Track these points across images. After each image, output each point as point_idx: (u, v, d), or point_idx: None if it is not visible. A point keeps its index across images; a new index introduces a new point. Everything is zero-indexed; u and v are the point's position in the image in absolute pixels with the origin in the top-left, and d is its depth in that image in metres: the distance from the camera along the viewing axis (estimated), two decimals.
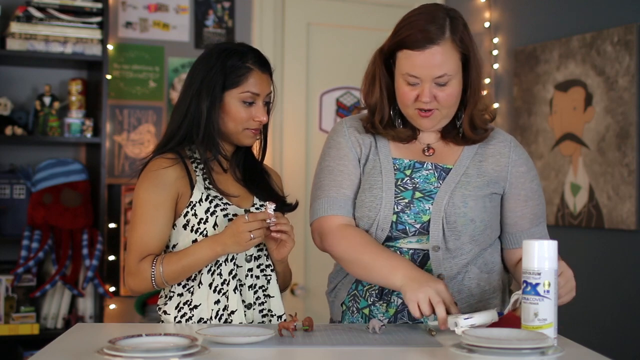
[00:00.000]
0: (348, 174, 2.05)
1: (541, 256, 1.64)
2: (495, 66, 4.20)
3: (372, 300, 2.02)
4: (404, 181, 2.01)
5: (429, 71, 1.90)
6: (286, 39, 4.08)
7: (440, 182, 2.00)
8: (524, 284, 1.65)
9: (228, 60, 2.05)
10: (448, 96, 1.93)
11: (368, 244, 1.96)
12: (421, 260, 1.98)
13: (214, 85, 2.04)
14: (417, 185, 2.00)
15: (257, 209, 2.08)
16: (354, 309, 2.05)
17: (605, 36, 3.52)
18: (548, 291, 1.62)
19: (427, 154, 2.05)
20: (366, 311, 2.03)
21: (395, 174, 2.02)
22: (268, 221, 1.95)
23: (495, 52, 4.20)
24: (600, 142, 3.52)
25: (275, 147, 4.02)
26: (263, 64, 2.09)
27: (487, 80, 4.21)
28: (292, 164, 4.04)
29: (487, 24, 4.22)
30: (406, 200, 1.99)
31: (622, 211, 3.40)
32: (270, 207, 1.95)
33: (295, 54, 4.09)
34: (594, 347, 1.72)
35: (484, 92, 2.08)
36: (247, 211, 2.03)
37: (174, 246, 2.05)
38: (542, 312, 1.62)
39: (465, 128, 2.01)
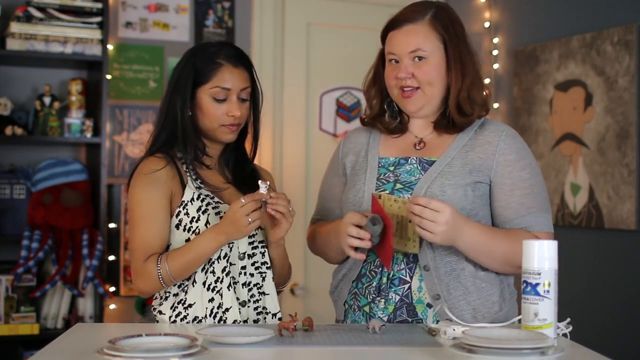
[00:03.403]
0: (332, 187, 2.24)
1: (541, 256, 1.63)
2: (495, 66, 4.20)
3: (371, 297, 2.03)
4: (386, 175, 2.07)
5: (404, 46, 2.03)
6: (286, 39, 4.08)
7: (423, 173, 2.03)
8: (524, 284, 1.65)
9: (198, 57, 2.06)
10: (425, 73, 2.02)
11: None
12: (415, 256, 2.00)
13: (185, 84, 2.04)
14: (399, 178, 2.05)
15: None
16: (355, 307, 2.07)
17: (605, 36, 3.52)
18: (548, 291, 1.62)
19: (417, 147, 2.10)
20: (367, 309, 2.04)
21: (378, 170, 2.09)
22: (264, 200, 1.94)
23: (495, 52, 4.19)
24: (600, 142, 3.52)
25: (275, 147, 4.02)
26: (237, 59, 2.07)
27: (487, 80, 4.20)
28: (292, 164, 4.04)
29: (487, 24, 4.22)
30: (387, 192, 2.04)
31: (622, 211, 3.40)
32: (263, 186, 1.94)
33: (295, 54, 4.09)
34: (594, 347, 1.72)
35: (482, 86, 2.10)
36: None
37: (167, 247, 2.05)
38: (542, 312, 1.62)
39: (453, 112, 2.05)
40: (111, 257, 3.71)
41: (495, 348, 1.48)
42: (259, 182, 1.96)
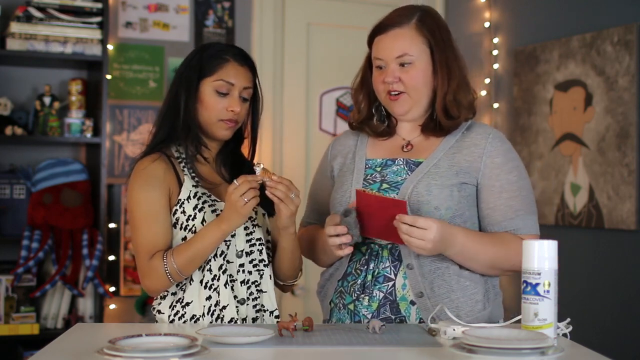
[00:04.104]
0: (321, 189, 2.25)
1: (541, 256, 1.63)
2: (495, 66, 4.20)
3: (355, 295, 2.04)
4: (372, 176, 2.09)
5: (391, 51, 2.04)
6: (286, 39, 4.08)
7: (410, 174, 2.05)
8: (524, 284, 1.65)
9: (205, 53, 2.08)
10: (411, 78, 2.04)
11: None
12: (399, 254, 2.02)
13: (191, 77, 2.06)
14: (386, 178, 2.07)
15: None
16: (341, 305, 2.08)
17: (605, 36, 3.52)
18: (548, 291, 1.62)
19: (405, 150, 2.11)
20: (351, 307, 2.05)
21: (365, 170, 2.10)
22: (265, 180, 1.93)
23: (495, 52, 4.19)
24: (600, 142, 3.52)
25: (275, 147, 4.02)
26: (244, 59, 2.10)
27: (487, 81, 4.21)
28: (292, 164, 4.04)
29: (487, 24, 4.22)
30: (374, 192, 2.04)
31: (622, 211, 3.40)
32: (257, 168, 1.94)
33: (295, 54, 4.09)
34: (594, 347, 1.72)
35: (470, 88, 2.12)
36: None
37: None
38: (542, 312, 1.62)
39: (439, 115, 2.07)
40: (111, 257, 3.71)
41: (495, 348, 1.48)
42: (254, 164, 1.97)
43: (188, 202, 2.02)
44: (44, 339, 2.72)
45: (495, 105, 4.18)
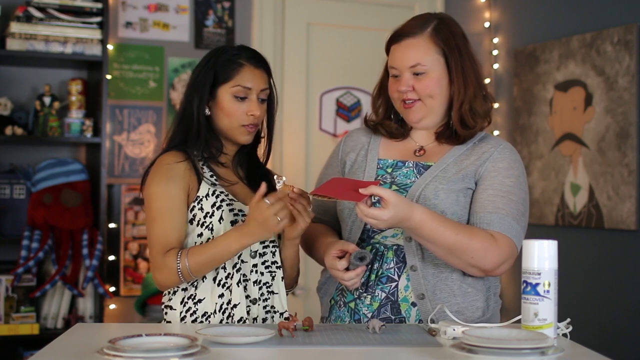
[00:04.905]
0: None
1: (541, 256, 1.63)
2: (495, 66, 4.20)
3: (357, 293, 2.04)
4: (383, 177, 2.09)
5: (404, 61, 2.05)
6: (286, 39, 4.08)
7: (419, 177, 2.05)
8: (524, 284, 1.65)
9: (219, 58, 2.09)
10: (425, 87, 2.04)
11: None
12: (404, 257, 2.02)
13: (204, 83, 2.07)
14: (395, 180, 2.07)
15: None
16: (341, 302, 2.09)
17: (605, 36, 3.52)
18: (548, 291, 1.62)
19: (417, 154, 2.12)
20: (352, 305, 2.05)
21: (376, 171, 2.11)
22: (287, 193, 1.94)
23: (495, 52, 4.20)
24: (600, 142, 3.53)
25: (275, 147, 4.00)
26: (258, 61, 2.10)
27: (487, 81, 4.21)
28: (292, 164, 4.04)
29: (487, 24, 4.22)
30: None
31: (622, 211, 3.40)
32: (279, 181, 1.95)
33: (295, 54, 4.09)
34: (594, 347, 1.72)
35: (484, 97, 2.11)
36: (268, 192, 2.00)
37: None
38: (542, 312, 1.62)
39: (456, 125, 2.07)
40: (111, 257, 3.71)
41: (495, 348, 1.48)
42: (275, 177, 1.97)
43: (206, 199, 2.04)
44: (44, 339, 2.72)
45: (496, 105, 4.18)
